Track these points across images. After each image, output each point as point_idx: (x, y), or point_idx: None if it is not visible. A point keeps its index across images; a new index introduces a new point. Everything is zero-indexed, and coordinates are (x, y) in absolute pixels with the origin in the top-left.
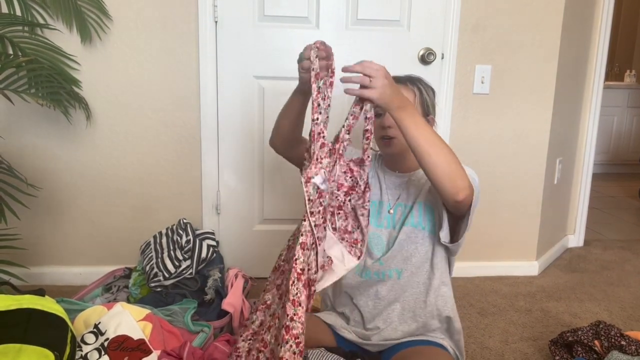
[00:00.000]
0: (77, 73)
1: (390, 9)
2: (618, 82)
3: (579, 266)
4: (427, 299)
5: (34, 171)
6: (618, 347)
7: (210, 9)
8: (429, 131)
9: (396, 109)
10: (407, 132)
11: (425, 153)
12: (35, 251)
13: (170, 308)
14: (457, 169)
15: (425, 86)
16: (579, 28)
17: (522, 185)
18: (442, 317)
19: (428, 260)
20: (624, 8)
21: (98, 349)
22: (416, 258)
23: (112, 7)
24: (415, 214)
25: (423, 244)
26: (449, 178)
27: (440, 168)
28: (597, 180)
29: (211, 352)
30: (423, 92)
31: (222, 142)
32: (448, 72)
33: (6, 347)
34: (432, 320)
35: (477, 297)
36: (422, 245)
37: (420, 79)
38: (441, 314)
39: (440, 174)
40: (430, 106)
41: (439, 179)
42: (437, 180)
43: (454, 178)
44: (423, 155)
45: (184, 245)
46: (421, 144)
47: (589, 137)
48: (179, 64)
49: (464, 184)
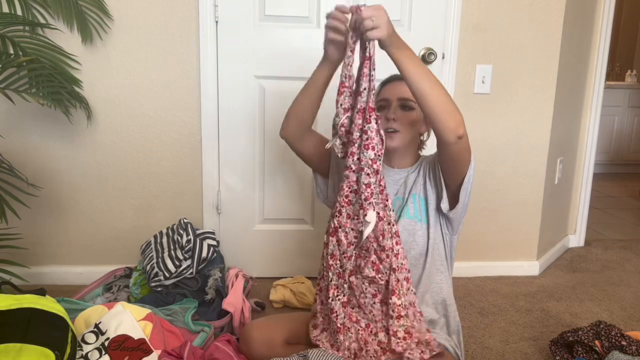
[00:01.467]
0: (77, 73)
1: (391, 9)
2: (619, 82)
3: (580, 266)
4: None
5: (35, 171)
6: (619, 347)
7: (211, 8)
8: (425, 69)
9: (395, 47)
10: (407, 69)
11: (425, 89)
12: (36, 251)
13: (171, 308)
14: (452, 103)
15: None
16: (580, 28)
17: (522, 185)
18: (437, 303)
19: (425, 252)
20: (625, 8)
21: (99, 348)
22: (415, 250)
23: (113, 7)
24: (410, 206)
25: (422, 235)
26: (449, 111)
27: (440, 102)
28: (598, 180)
29: (212, 351)
30: None
31: (223, 141)
32: (449, 72)
33: (7, 347)
34: (427, 309)
35: (477, 297)
36: (420, 237)
37: None
38: (436, 301)
39: (442, 109)
40: None
41: (441, 114)
42: (438, 115)
43: (452, 111)
44: (423, 92)
45: (185, 245)
46: (421, 81)
47: (589, 137)
48: (180, 64)
49: (461, 118)
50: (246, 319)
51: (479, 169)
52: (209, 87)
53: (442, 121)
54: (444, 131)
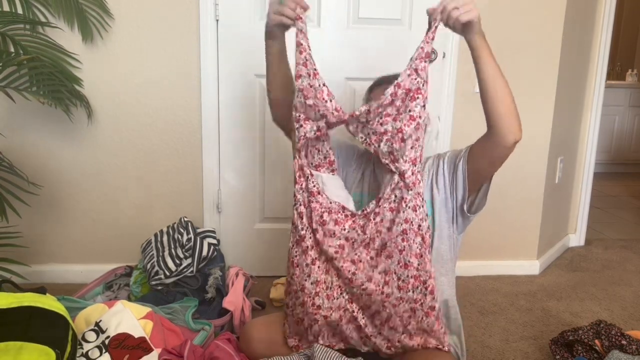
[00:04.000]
0: (78, 71)
1: (392, 8)
2: (619, 81)
3: (580, 265)
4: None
5: (35, 169)
6: (619, 346)
7: (212, 7)
8: (500, 69)
9: (480, 35)
10: (484, 61)
11: (498, 86)
12: (36, 249)
13: (171, 306)
14: (515, 109)
15: None
16: (580, 27)
17: (523, 185)
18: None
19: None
20: (626, 7)
21: (99, 346)
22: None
23: (114, 6)
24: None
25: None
26: (515, 115)
27: (509, 103)
28: (599, 180)
29: (212, 350)
30: None
31: (223, 140)
32: (450, 71)
33: (7, 345)
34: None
35: (477, 296)
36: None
37: None
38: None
39: (510, 110)
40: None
41: (507, 115)
42: (504, 117)
43: (517, 115)
44: (494, 87)
45: (185, 244)
46: (496, 77)
47: (590, 136)
48: (180, 63)
49: (520, 124)
50: (246, 318)
51: None
52: (210, 86)
53: (507, 123)
54: (507, 133)
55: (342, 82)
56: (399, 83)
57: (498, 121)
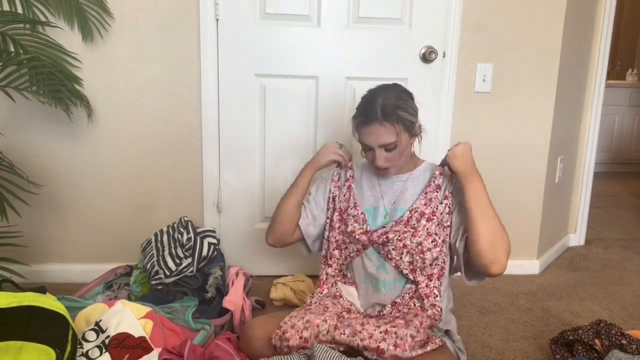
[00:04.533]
0: (78, 71)
1: (392, 7)
2: (620, 80)
3: (580, 265)
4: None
5: (35, 169)
6: (619, 346)
7: (212, 7)
8: (485, 202)
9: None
10: (468, 199)
11: (475, 220)
12: (36, 249)
13: (171, 306)
14: (500, 242)
15: (402, 103)
16: (580, 26)
17: (523, 184)
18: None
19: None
20: (626, 7)
21: (99, 346)
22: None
23: (114, 5)
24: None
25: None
26: (489, 247)
27: (484, 237)
28: (599, 179)
29: (212, 349)
30: (403, 118)
31: (223, 140)
32: (449, 71)
33: (7, 345)
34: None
35: (477, 296)
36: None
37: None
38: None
39: (482, 243)
40: (413, 122)
41: (479, 247)
42: (477, 245)
43: (493, 249)
44: (473, 222)
45: (185, 243)
46: (475, 213)
47: (590, 135)
48: (180, 62)
49: (502, 257)
50: (246, 317)
51: (479, 167)
52: (210, 86)
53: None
54: (478, 260)
55: (342, 82)
56: (414, 208)
57: (477, 251)
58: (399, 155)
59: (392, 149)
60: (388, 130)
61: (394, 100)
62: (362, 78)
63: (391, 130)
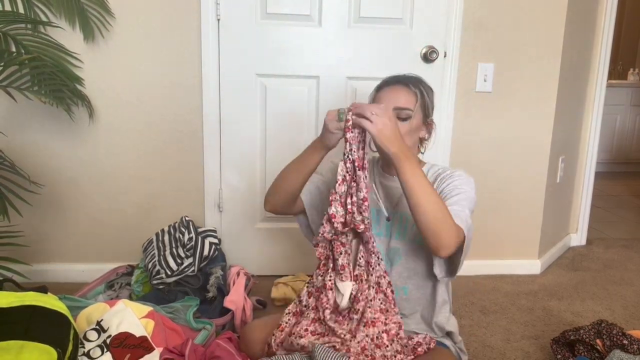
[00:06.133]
0: (79, 71)
1: (393, 7)
2: (621, 80)
3: (582, 265)
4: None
5: (37, 168)
6: (620, 346)
7: (213, 7)
8: (423, 183)
9: (394, 154)
10: (403, 179)
11: (415, 203)
12: (37, 248)
13: (173, 305)
14: (443, 226)
15: (426, 88)
16: (582, 26)
17: (524, 184)
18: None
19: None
20: (628, 6)
21: (100, 346)
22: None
23: (115, 5)
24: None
25: (426, 258)
26: (432, 233)
27: (426, 221)
28: (600, 179)
29: (213, 349)
30: (425, 95)
31: (224, 140)
32: (450, 70)
33: (8, 344)
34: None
35: (478, 296)
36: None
37: (420, 79)
38: (443, 329)
39: (425, 227)
40: (430, 109)
41: (424, 231)
42: (421, 231)
43: (437, 234)
44: (413, 205)
45: (186, 243)
46: (413, 194)
47: (591, 135)
48: (182, 62)
49: (448, 242)
50: (247, 317)
51: (480, 167)
52: (211, 85)
53: (424, 237)
54: (435, 249)
55: (343, 81)
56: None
57: (422, 235)
58: (407, 132)
59: (405, 118)
60: (409, 94)
61: (419, 79)
62: (363, 78)
63: (412, 96)
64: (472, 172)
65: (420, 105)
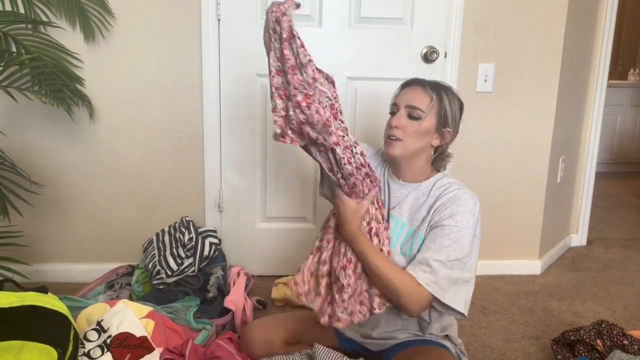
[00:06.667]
0: (80, 71)
1: (393, 7)
2: (622, 80)
3: (582, 265)
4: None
5: (37, 168)
6: (620, 346)
7: (213, 7)
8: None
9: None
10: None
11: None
12: (38, 248)
13: (173, 306)
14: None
15: (450, 97)
16: (582, 26)
17: (524, 184)
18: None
19: None
20: (628, 6)
21: (100, 346)
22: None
23: (115, 5)
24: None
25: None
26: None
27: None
28: (600, 179)
29: (213, 349)
30: (445, 102)
31: (225, 140)
32: (451, 71)
33: (9, 344)
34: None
35: (479, 296)
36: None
37: (446, 88)
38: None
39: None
40: (449, 119)
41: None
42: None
43: (396, 300)
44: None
45: (187, 243)
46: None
47: (592, 135)
48: (182, 62)
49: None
50: (248, 317)
51: (481, 167)
52: (211, 86)
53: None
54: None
55: (343, 82)
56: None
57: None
58: (415, 132)
59: (415, 118)
60: (424, 96)
61: (445, 87)
62: (363, 78)
63: (426, 98)
64: (472, 172)
65: (436, 111)
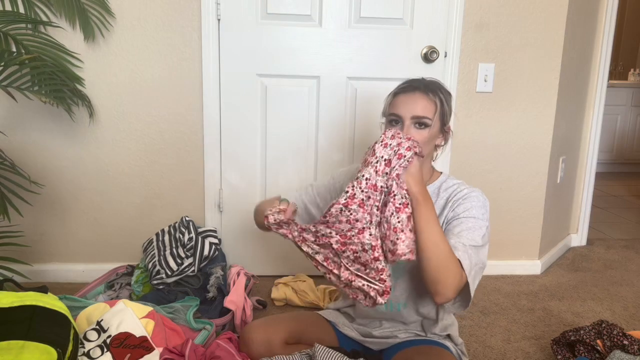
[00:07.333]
0: (80, 71)
1: (393, 7)
2: (622, 80)
3: (582, 265)
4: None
5: (37, 168)
6: (620, 346)
7: (213, 7)
8: (434, 230)
9: (414, 194)
10: (415, 221)
11: (421, 248)
12: (38, 248)
13: (173, 305)
14: (442, 276)
15: (445, 94)
16: (582, 26)
17: (525, 184)
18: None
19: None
20: (628, 6)
21: (100, 346)
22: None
23: (115, 5)
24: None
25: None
26: (432, 280)
27: (427, 267)
28: (601, 180)
29: (213, 349)
30: (444, 102)
31: (225, 140)
32: (451, 71)
33: (9, 344)
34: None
35: (479, 296)
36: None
37: (440, 85)
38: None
39: (426, 273)
40: (448, 116)
41: (424, 276)
42: (422, 274)
43: (436, 281)
44: (419, 248)
45: (187, 243)
46: (421, 239)
47: (592, 135)
48: (182, 62)
49: (445, 291)
50: (248, 317)
51: (481, 167)
52: (211, 85)
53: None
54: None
55: (343, 82)
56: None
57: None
58: (426, 140)
59: (423, 127)
60: (428, 103)
61: (439, 84)
62: (363, 78)
63: (431, 105)
64: (473, 173)
65: (440, 114)
